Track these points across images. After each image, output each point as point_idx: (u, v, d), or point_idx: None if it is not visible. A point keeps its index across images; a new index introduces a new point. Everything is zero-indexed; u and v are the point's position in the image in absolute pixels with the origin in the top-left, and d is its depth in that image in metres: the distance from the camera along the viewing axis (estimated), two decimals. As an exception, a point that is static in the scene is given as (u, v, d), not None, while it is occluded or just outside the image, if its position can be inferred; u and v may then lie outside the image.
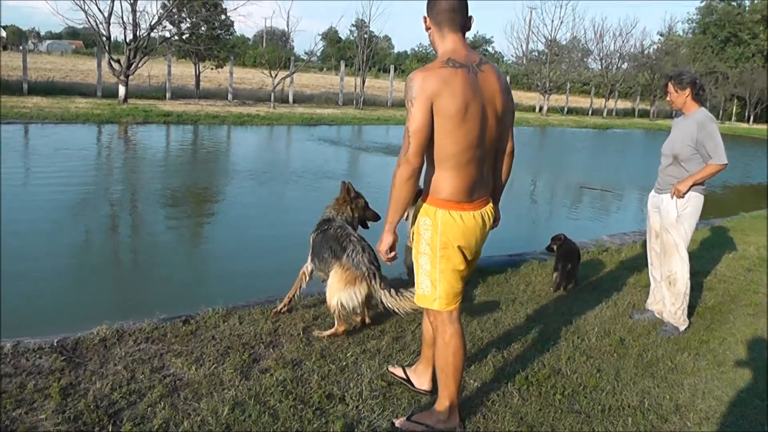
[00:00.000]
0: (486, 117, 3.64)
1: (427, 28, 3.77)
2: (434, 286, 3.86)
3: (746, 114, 68.51)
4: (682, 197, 6.11)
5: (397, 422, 4.10)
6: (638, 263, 8.47)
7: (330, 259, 5.51)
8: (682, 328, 6.30)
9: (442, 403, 4.02)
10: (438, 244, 3.77)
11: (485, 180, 3.82)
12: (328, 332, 5.48)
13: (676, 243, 6.25)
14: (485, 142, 3.69)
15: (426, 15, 3.75)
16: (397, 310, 5.20)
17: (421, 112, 3.51)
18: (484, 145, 3.69)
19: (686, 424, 4.54)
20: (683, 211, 6.18)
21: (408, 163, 3.56)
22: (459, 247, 3.78)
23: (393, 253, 3.85)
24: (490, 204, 3.94)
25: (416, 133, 3.52)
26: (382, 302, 5.29)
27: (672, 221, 6.24)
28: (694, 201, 6.16)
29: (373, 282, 5.26)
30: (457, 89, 3.51)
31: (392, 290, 5.17)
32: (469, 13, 3.73)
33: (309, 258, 5.84)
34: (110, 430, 3.80)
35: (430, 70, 3.59)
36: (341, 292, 5.33)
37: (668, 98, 6.36)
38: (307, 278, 5.91)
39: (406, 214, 3.97)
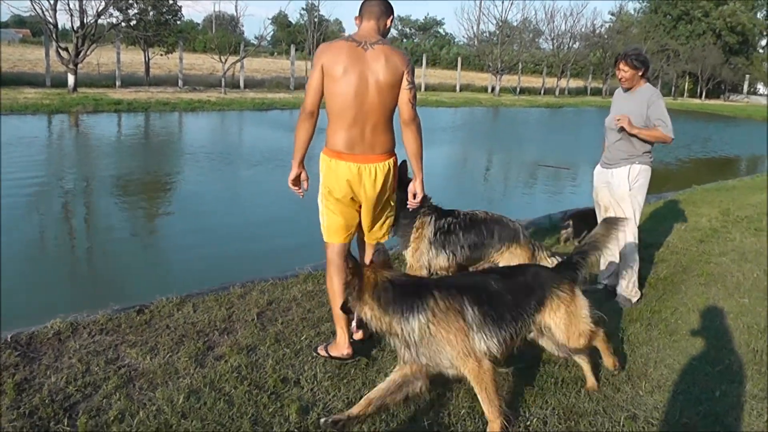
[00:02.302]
0: (365, 82, 4.46)
1: (358, 22, 4.70)
2: (322, 219, 4.79)
3: (698, 90, 69.48)
4: (625, 124, 6.16)
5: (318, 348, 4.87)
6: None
7: (497, 242, 5.66)
8: (633, 299, 6.39)
9: (336, 332, 4.79)
10: (322, 186, 4.69)
11: (369, 140, 4.57)
12: None
13: (624, 215, 6.31)
14: (364, 103, 4.49)
15: (356, 16, 4.72)
16: None
17: (315, 73, 4.52)
18: (363, 106, 4.50)
19: (638, 393, 4.62)
20: (635, 185, 6.26)
21: (303, 110, 4.57)
22: (337, 190, 4.62)
23: (299, 186, 4.77)
24: (381, 164, 4.62)
25: (309, 89, 4.54)
26: None
27: (623, 194, 6.31)
28: (645, 173, 6.27)
29: (541, 252, 5.87)
30: (341, 56, 4.45)
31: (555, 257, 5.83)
32: (389, 10, 4.70)
33: (431, 251, 5.57)
34: (66, 423, 3.78)
35: (329, 43, 4.68)
36: None
37: (619, 75, 6.37)
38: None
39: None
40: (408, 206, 4.97)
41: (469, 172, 17.43)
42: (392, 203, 4.91)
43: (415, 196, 4.86)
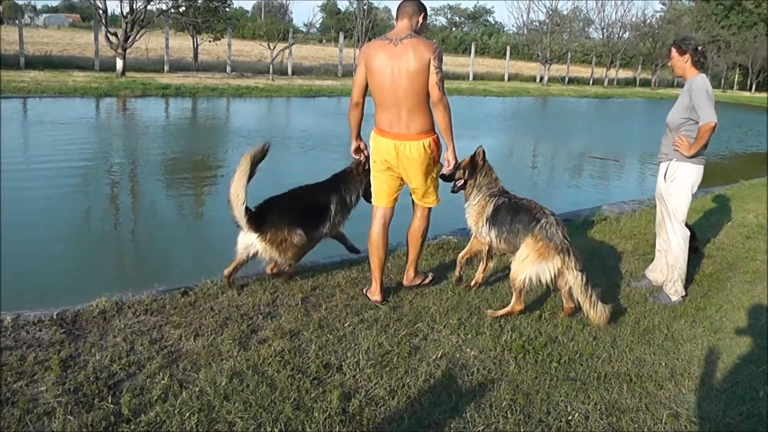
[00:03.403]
0: (397, 73, 5.25)
1: (396, 22, 5.50)
2: (372, 185, 5.75)
3: (748, 83, 68.20)
4: (682, 149, 6.03)
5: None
6: (636, 232, 8.49)
7: (521, 231, 5.47)
8: (672, 298, 6.24)
9: (372, 282, 5.74)
10: (371, 157, 5.69)
11: (405, 121, 5.36)
12: (503, 311, 5.49)
13: (667, 212, 6.24)
14: (398, 90, 5.28)
15: (394, 17, 5.58)
16: (579, 301, 5.36)
17: (360, 69, 5.45)
18: (397, 93, 5.29)
19: (681, 391, 4.56)
20: (671, 182, 6.15)
21: (351, 102, 5.58)
22: (380, 162, 5.57)
23: (359, 155, 5.87)
24: (415, 142, 5.39)
25: (355, 83, 5.49)
26: (569, 285, 5.37)
27: (661, 189, 6.24)
28: (683, 171, 6.07)
29: (566, 257, 5.29)
30: (377, 53, 5.32)
31: (585, 276, 5.30)
32: (420, 8, 5.43)
33: (485, 228, 5.77)
34: (110, 401, 3.83)
35: (369, 43, 5.53)
36: (532, 266, 5.31)
37: (670, 63, 6.30)
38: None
39: None
40: (444, 172, 5.68)
41: (516, 162, 17.32)
42: (433, 176, 5.64)
43: (449, 163, 5.56)
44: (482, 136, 18.60)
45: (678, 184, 6.11)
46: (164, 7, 31.90)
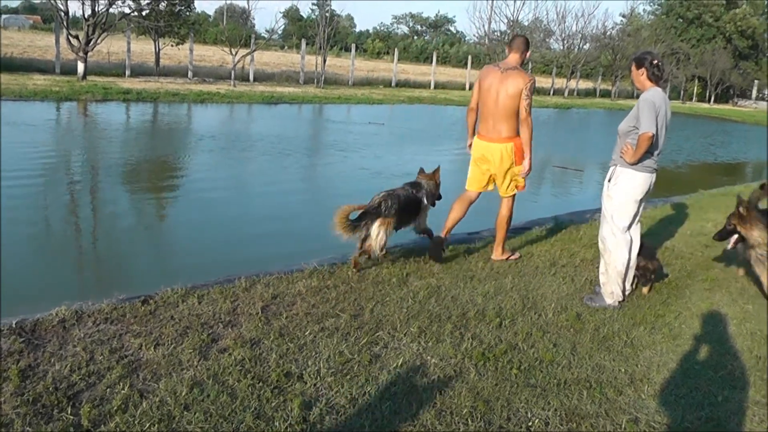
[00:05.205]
0: (496, 93, 6.90)
1: (507, 51, 7.20)
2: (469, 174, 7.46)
3: (707, 94, 69.26)
4: (627, 156, 6.17)
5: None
6: (596, 241, 8.53)
7: None
8: (608, 301, 6.39)
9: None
10: (471, 153, 7.41)
11: (497, 129, 7.02)
12: None
13: (606, 213, 6.46)
14: (496, 107, 6.93)
15: (507, 45, 7.44)
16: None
17: (476, 84, 7.17)
18: (496, 108, 6.94)
19: (640, 396, 4.63)
20: (613, 186, 6.35)
21: (468, 106, 7.31)
22: (476, 158, 7.31)
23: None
24: (502, 145, 7.06)
25: (473, 94, 7.22)
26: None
27: (605, 192, 6.49)
28: (624, 177, 6.27)
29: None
30: (489, 76, 7.02)
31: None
32: (528, 46, 7.19)
33: None
34: (69, 411, 3.79)
35: (487, 66, 7.29)
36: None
37: (631, 78, 6.49)
38: None
39: None
40: (521, 176, 7.26)
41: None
42: (515, 173, 7.20)
43: (524, 169, 7.22)
44: (445, 144, 18.76)
45: (618, 189, 6.32)
46: (126, 10, 31.69)
